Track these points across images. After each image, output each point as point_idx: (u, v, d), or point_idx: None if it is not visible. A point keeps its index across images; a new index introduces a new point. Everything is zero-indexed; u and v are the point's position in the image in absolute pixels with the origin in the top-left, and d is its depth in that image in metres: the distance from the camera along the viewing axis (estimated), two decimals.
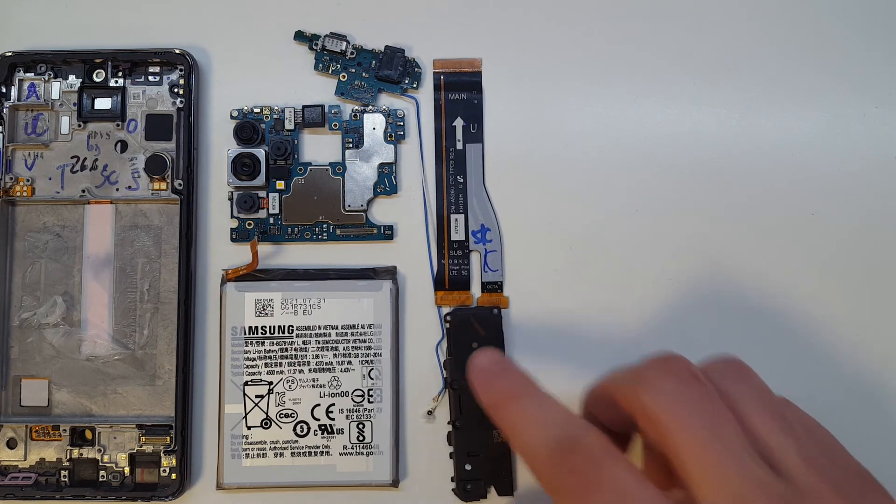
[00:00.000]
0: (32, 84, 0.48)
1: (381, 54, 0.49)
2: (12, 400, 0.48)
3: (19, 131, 0.49)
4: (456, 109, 0.49)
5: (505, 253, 0.49)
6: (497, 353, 0.38)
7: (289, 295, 0.47)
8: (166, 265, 0.48)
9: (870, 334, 0.49)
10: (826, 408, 0.49)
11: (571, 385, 0.49)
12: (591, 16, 0.50)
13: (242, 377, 0.47)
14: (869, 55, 0.50)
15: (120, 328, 0.48)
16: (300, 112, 0.49)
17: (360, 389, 0.47)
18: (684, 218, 0.49)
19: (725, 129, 0.50)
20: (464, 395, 0.47)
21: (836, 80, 0.50)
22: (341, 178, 0.49)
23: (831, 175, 0.49)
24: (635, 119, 0.50)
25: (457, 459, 0.47)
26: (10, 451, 0.47)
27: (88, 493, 0.46)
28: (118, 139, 0.49)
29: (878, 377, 0.49)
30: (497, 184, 0.49)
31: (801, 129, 0.50)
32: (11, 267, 0.48)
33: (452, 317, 0.48)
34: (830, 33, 0.50)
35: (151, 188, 0.48)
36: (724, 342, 0.49)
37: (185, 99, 0.48)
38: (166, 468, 0.47)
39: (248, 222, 0.49)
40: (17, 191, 0.48)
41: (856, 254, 0.49)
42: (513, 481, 0.48)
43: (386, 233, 0.49)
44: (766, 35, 0.50)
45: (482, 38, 0.50)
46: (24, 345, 0.48)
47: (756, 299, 0.49)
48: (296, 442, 0.47)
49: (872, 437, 0.48)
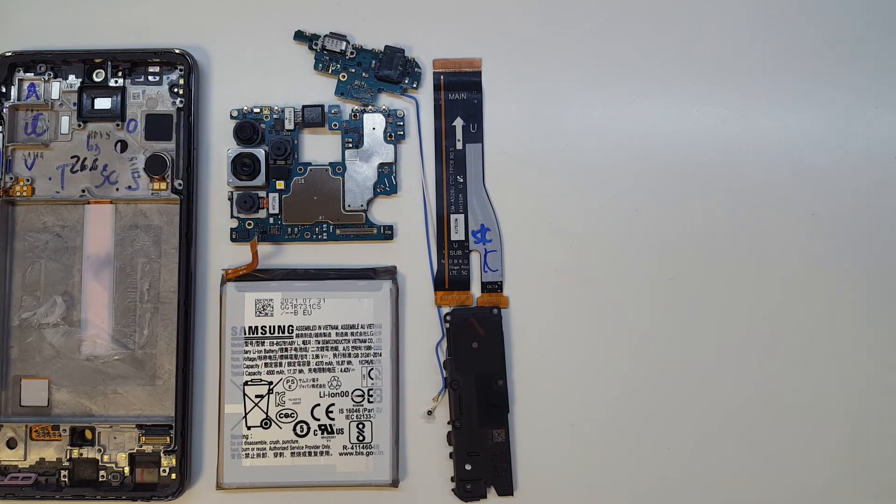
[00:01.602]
0: (32, 84, 0.48)
1: (381, 54, 0.49)
2: (12, 400, 0.48)
3: (19, 131, 0.49)
4: (456, 109, 0.49)
5: (505, 253, 0.49)
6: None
7: (289, 295, 0.47)
8: (166, 265, 0.48)
9: (870, 334, 0.49)
10: (826, 407, 0.49)
11: (571, 385, 0.49)
12: (591, 16, 0.50)
13: (242, 377, 0.47)
14: (869, 55, 0.50)
15: (120, 328, 0.48)
16: (300, 112, 0.49)
17: (360, 389, 0.47)
18: (684, 218, 0.49)
19: (725, 128, 0.50)
20: (464, 395, 0.47)
21: (836, 80, 0.50)
22: (341, 178, 0.49)
23: (831, 175, 0.49)
24: (635, 119, 0.50)
25: (457, 459, 0.47)
26: (10, 451, 0.47)
27: (88, 493, 0.46)
28: (118, 139, 0.49)
29: (878, 376, 0.49)
30: (497, 184, 0.49)
31: (801, 129, 0.50)
32: (11, 267, 0.48)
33: (452, 317, 0.48)
34: (831, 34, 0.50)
35: (151, 188, 0.48)
36: (724, 341, 0.49)
37: (185, 99, 0.48)
38: (166, 468, 0.47)
39: (248, 222, 0.49)
40: (17, 191, 0.48)
41: (856, 253, 0.49)
42: (513, 481, 0.48)
43: (386, 233, 0.49)
44: (766, 35, 0.50)
45: (482, 38, 0.50)
46: (24, 345, 0.48)
47: (756, 299, 0.49)
48: (296, 442, 0.47)
49: (872, 437, 0.48)
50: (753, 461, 0.48)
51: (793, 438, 0.48)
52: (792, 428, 0.48)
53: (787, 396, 0.49)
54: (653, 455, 0.48)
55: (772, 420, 0.48)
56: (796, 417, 0.48)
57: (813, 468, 0.48)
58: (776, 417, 0.48)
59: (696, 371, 0.49)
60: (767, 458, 0.48)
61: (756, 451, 0.48)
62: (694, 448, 0.48)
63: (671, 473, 0.48)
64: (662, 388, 0.49)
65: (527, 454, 0.48)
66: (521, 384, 0.48)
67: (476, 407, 0.48)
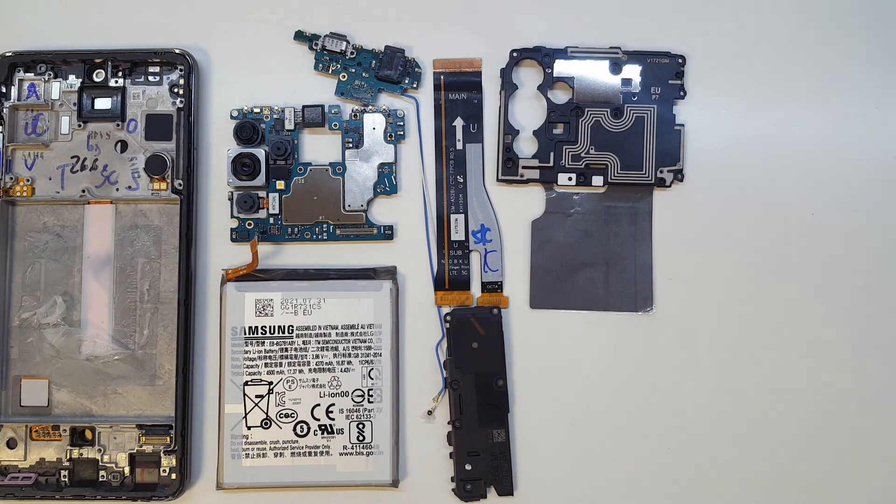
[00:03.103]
0: (32, 84, 0.48)
1: (381, 54, 0.49)
2: (12, 400, 0.48)
3: (19, 131, 0.49)
4: (456, 109, 0.49)
5: (505, 253, 0.49)
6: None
7: (289, 295, 0.47)
8: (166, 265, 0.48)
9: (870, 333, 0.49)
10: (825, 407, 0.49)
11: (571, 385, 0.49)
12: (590, 16, 0.50)
13: (242, 377, 0.47)
14: (869, 56, 0.50)
15: (120, 328, 0.48)
16: (300, 112, 0.49)
17: (360, 389, 0.47)
18: (685, 217, 0.49)
19: (726, 128, 0.50)
20: (464, 395, 0.47)
21: (836, 80, 0.50)
22: (341, 178, 0.49)
23: (831, 175, 0.49)
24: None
25: (457, 459, 0.47)
26: (10, 451, 0.47)
27: (88, 493, 0.46)
28: (118, 139, 0.49)
29: (878, 376, 0.49)
30: (497, 183, 0.49)
31: (801, 128, 0.50)
32: (11, 267, 0.48)
33: (452, 317, 0.48)
34: (831, 34, 0.50)
35: (151, 188, 0.48)
36: (724, 341, 0.49)
37: (185, 99, 0.48)
38: (166, 468, 0.47)
39: (248, 222, 0.49)
40: (17, 191, 0.48)
41: (856, 253, 0.49)
42: (513, 481, 0.48)
43: (386, 233, 0.49)
44: (766, 35, 0.50)
45: (482, 38, 0.50)
46: (24, 345, 0.48)
47: (755, 298, 0.49)
48: (296, 442, 0.47)
49: (872, 436, 0.49)
50: (753, 461, 0.48)
51: (793, 439, 0.48)
52: (792, 428, 0.48)
53: (787, 397, 0.49)
54: (653, 455, 0.48)
55: (772, 420, 0.48)
56: (796, 418, 0.48)
57: (813, 469, 0.48)
58: (776, 418, 0.48)
59: (695, 371, 0.49)
60: (767, 459, 0.48)
61: (756, 451, 0.48)
62: (694, 448, 0.48)
63: (671, 473, 0.48)
64: (662, 388, 0.49)
65: (527, 454, 0.48)
66: (521, 384, 0.48)
67: (476, 407, 0.48)
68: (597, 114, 0.49)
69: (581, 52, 0.49)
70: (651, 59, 0.49)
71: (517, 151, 0.49)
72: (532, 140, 0.49)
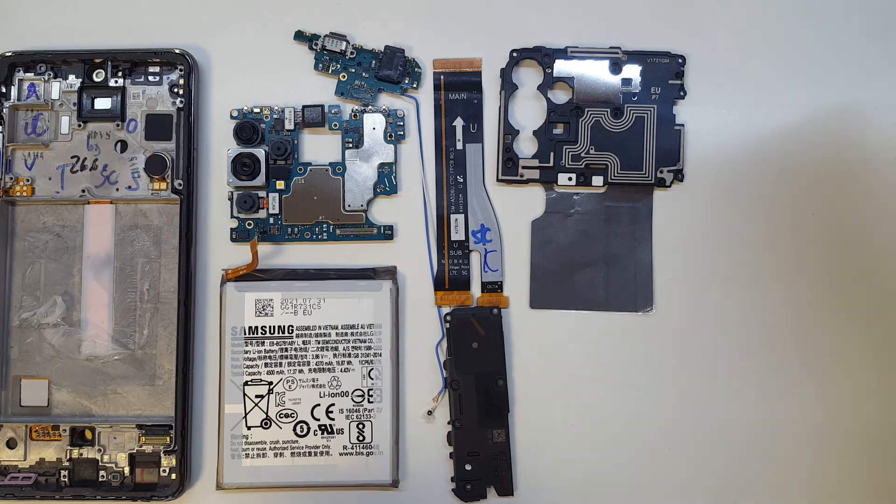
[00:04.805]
0: (32, 84, 0.48)
1: (381, 54, 0.49)
2: (12, 400, 0.48)
3: (19, 131, 0.49)
4: (456, 109, 0.49)
5: (505, 253, 0.49)
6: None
7: (289, 295, 0.47)
8: (166, 265, 0.48)
9: (870, 333, 0.49)
10: (827, 408, 0.49)
11: (571, 385, 0.49)
12: (590, 16, 0.50)
13: (242, 377, 0.47)
14: (869, 56, 0.50)
15: (120, 328, 0.48)
16: (300, 112, 0.49)
17: (360, 389, 0.47)
18: (685, 217, 0.49)
19: (726, 128, 0.50)
20: (464, 395, 0.47)
21: (835, 80, 0.50)
22: (341, 178, 0.49)
23: (831, 175, 0.49)
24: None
25: (457, 459, 0.47)
26: (10, 451, 0.47)
27: (88, 493, 0.47)
28: (118, 139, 0.49)
29: (878, 375, 0.49)
30: (497, 183, 0.49)
31: (800, 128, 0.50)
32: (11, 267, 0.48)
33: (452, 317, 0.48)
34: (831, 34, 0.50)
35: (151, 188, 0.48)
36: (723, 340, 0.49)
37: (185, 99, 0.48)
38: (166, 468, 0.47)
39: (248, 222, 0.49)
40: (17, 191, 0.48)
41: (856, 253, 0.49)
42: (513, 481, 0.48)
43: (386, 233, 0.49)
44: (766, 35, 0.50)
45: (482, 38, 0.50)
46: (24, 345, 0.48)
47: (755, 299, 0.49)
48: (296, 442, 0.47)
49: (872, 436, 0.49)
50: (753, 462, 0.48)
51: (793, 439, 0.48)
52: (792, 430, 0.48)
53: (787, 396, 0.49)
54: (653, 455, 0.48)
55: (772, 420, 0.48)
56: (797, 419, 0.48)
57: (813, 469, 0.48)
58: (776, 418, 0.48)
59: (695, 371, 0.49)
60: (767, 459, 0.48)
61: (756, 451, 0.48)
62: (694, 448, 0.48)
63: (671, 474, 0.48)
64: (662, 388, 0.49)
65: (527, 454, 0.48)
66: (521, 384, 0.49)
67: (476, 407, 0.48)
68: (597, 114, 0.49)
69: (581, 52, 0.49)
70: (651, 59, 0.49)
71: (517, 151, 0.49)
72: (532, 140, 0.49)
